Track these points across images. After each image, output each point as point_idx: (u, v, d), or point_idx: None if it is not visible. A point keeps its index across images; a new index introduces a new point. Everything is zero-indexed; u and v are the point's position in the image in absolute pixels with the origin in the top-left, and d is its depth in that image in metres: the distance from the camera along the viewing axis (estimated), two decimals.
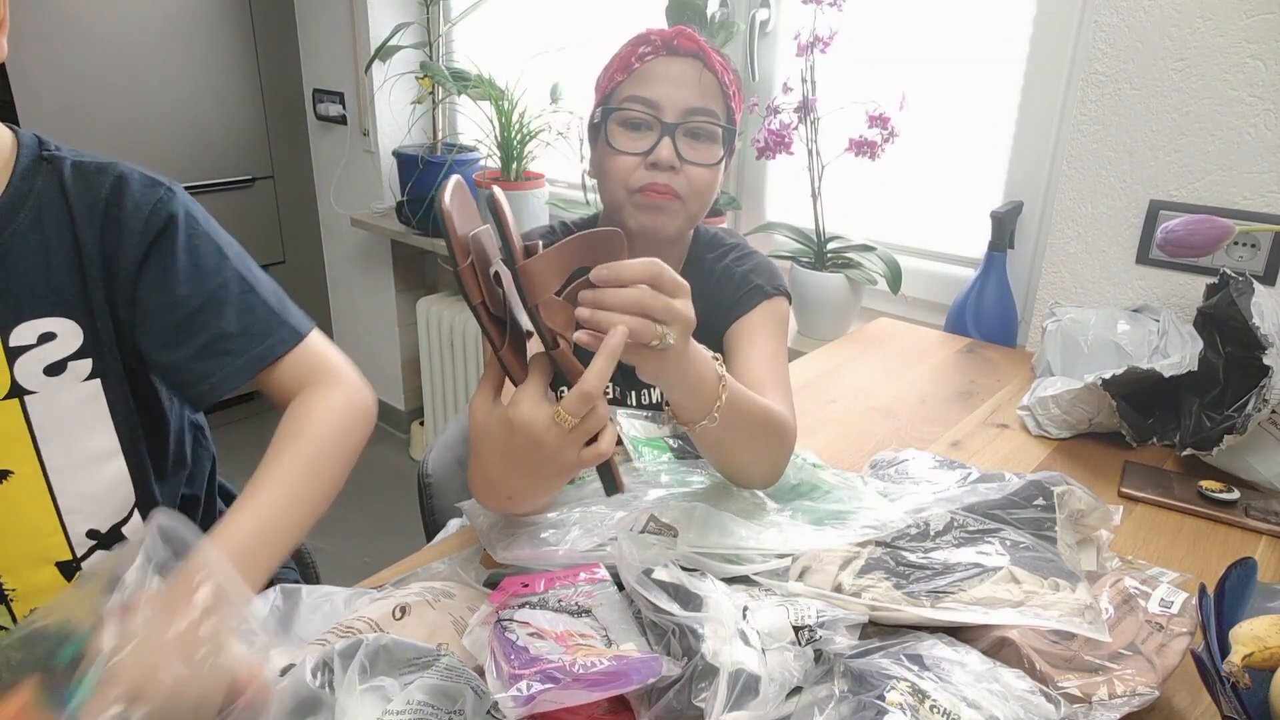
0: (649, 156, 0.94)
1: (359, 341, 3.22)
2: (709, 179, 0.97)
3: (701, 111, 0.95)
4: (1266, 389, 1.00)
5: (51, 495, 0.86)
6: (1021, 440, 1.20)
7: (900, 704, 0.58)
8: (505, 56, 2.37)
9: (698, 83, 0.95)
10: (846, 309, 1.72)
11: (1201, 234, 1.20)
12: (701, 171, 0.96)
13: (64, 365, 0.84)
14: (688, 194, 0.96)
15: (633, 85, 0.96)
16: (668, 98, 0.94)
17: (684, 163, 0.94)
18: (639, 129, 0.95)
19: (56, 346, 0.83)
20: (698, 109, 0.95)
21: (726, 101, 0.98)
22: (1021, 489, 0.83)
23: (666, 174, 0.94)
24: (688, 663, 0.62)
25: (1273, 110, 1.22)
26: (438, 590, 0.75)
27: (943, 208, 1.75)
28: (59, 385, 0.84)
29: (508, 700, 0.57)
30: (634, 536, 0.75)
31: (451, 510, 1.17)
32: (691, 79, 0.95)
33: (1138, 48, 1.31)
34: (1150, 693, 0.62)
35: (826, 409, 1.27)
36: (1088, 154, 1.40)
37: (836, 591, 0.71)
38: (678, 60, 0.95)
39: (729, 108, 0.98)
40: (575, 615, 0.67)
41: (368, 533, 2.61)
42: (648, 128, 0.95)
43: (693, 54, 0.96)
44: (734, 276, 1.04)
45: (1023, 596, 0.68)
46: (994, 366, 1.44)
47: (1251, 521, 0.98)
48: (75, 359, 0.84)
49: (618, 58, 0.99)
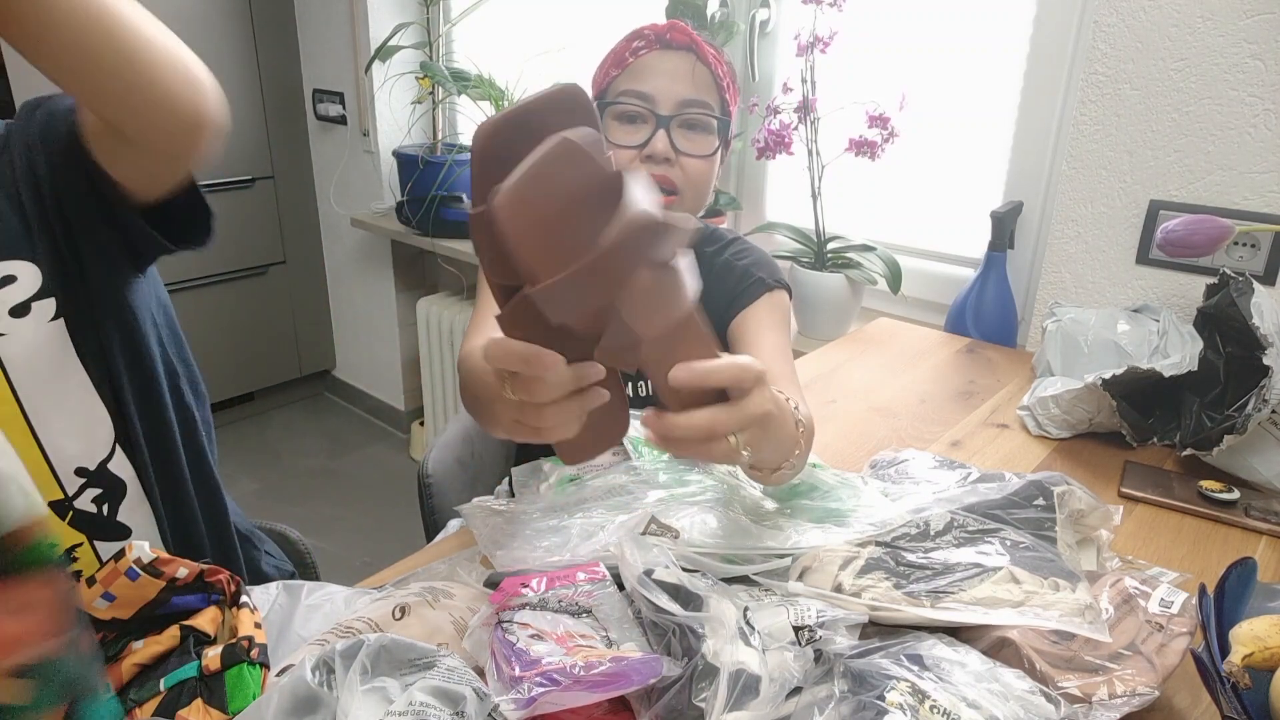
0: (644, 149, 0.94)
1: (359, 341, 3.22)
2: (705, 170, 0.97)
3: (695, 103, 0.95)
4: (1266, 389, 1.01)
5: (34, 435, 0.85)
6: (1021, 440, 1.20)
7: (900, 704, 0.58)
8: (505, 56, 2.37)
9: (691, 75, 0.96)
10: (846, 309, 1.72)
11: (1201, 234, 1.20)
12: (697, 163, 0.96)
13: (28, 307, 0.84)
14: (684, 186, 0.96)
15: (627, 80, 0.96)
16: (662, 91, 0.95)
17: (679, 154, 0.95)
18: (634, 122, 0.96)
19: (17, 289, 0.83)
20: (692, 101, 0.95)
21: (721, 93, 0.99)
22: (1021, 489, 0.83)
23: (662, 166, 0.94)
24: (688, 663, 0.62)
25: (1273, 110, 1.23)
26: (438, 590, 0.75)
27: (943, 208, 1.75)
28: (26, 326, 0.84)
29: (509, 702, 0.57)
30: (635, 538, 0.75)
31: (451, 510, 1.17)
32: (685, 72, 0.96)
33: (1138, 48, 1.31)
34: (1150, 693, 0.62)
35: (826, 409, 1.27)
36: (1088, 154, 1.40)
37: (836, 591, 0.71)
38: (671, 54, 0.96)
39: (724, 99, 0.99)
40: (575, 615, 0.67)
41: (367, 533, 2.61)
42: (643, 121, 0.96)
43: (686, 47, 0.96)
44: (734, 270, 1.05)
45: (1023, 596, 0.68)
46: (994, 366, 1.44)
47: (1251, 521, 0.98)
48: (38, 299, 0.84)
49: (612, 53, 1.00)
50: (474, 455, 1.27)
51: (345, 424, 3.26)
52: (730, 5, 1.82)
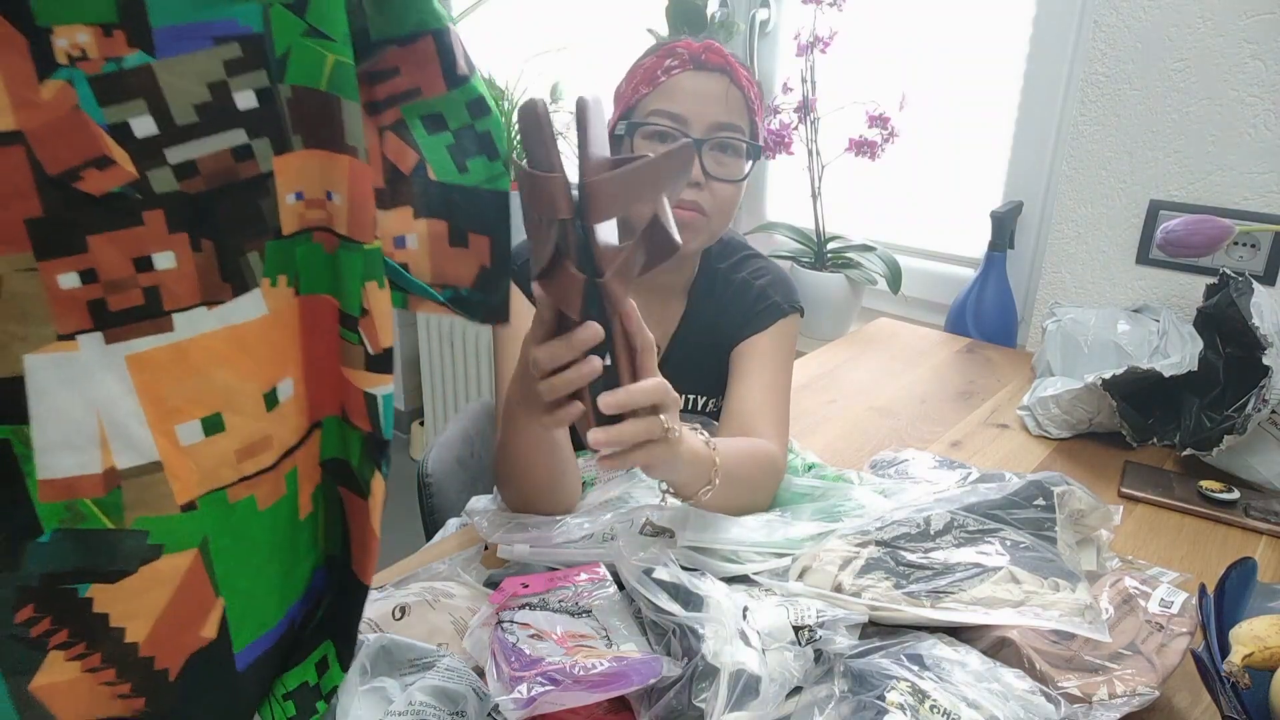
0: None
1: None
2: (734, 196, 0.96)
3: (728, 127, 0.94)
4: (1266, 389, 1.01)
5: None
6: (1021, 440, 1.20)
7: (900, 704, 0.58)
8: (505, 56, 2.37)
9: (725, 98, 0.94)
10: (846, 309, 1.72)
11: (1201, 234, 1.20)
12: (727, 188, 0.95)
13: None
14: (713, 211, 0.95)
15: (658, 99, 0.94)
16: (695, 113, 0.93)
17: (709, 179, 0.93)
18: (664, 142, 0.94)
19: None
20: (725, 124, 0.94)
21: (751, 116, 0.97)
22: (1021, 489, 0.83)
23: (692, 190, 0.92)
24: (688, 663, 0.62)
25: (1273, 110, 1.22)
26: (438, 590, 0.75)
27: (943, 208, 1.75)
28: None
29: (509, 702, 0.57)
30: (633, 536, 0.76)
31: (451, 510, 1.17)
32: (718, 94, 0.93)
33: (1138, 48, 1.31)
34: (1150, 693, 0.62)
35: (826, 409, 1.27)
36: (1088, 154, 1.40)
37: (836, 591, 0.71)
38: (705, 75, 0.94)
39: (753, 123, 0.97)
40: (575, 615, 0.67)
41: None
42: (673, 142, 0.94)
43: (720, 69, 0.94)
44: (751, 290, 1.04)
45: (1023, 596, 0.68)
46: (994, 366, 1.44)
47: (1251, 521, 0.98)
48: None
49: (642, 68, 0.96)
50: (474, 455, 1.27)
51: None
52: (730, 5, 1.82)
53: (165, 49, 0.42)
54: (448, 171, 0.56)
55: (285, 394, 0.52)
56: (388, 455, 0.54)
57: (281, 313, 0.51)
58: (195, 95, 0.44)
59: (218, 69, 0.44)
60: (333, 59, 0.48)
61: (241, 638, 0.52)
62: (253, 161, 0.47)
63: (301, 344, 0.53)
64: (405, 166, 0.54)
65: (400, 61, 0.52)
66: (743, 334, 1.02)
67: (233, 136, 0.46)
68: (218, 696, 0.53)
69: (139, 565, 0.47)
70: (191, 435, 0.47)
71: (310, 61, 0.48)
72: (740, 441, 0.88)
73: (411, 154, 0.54)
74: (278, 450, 0.52)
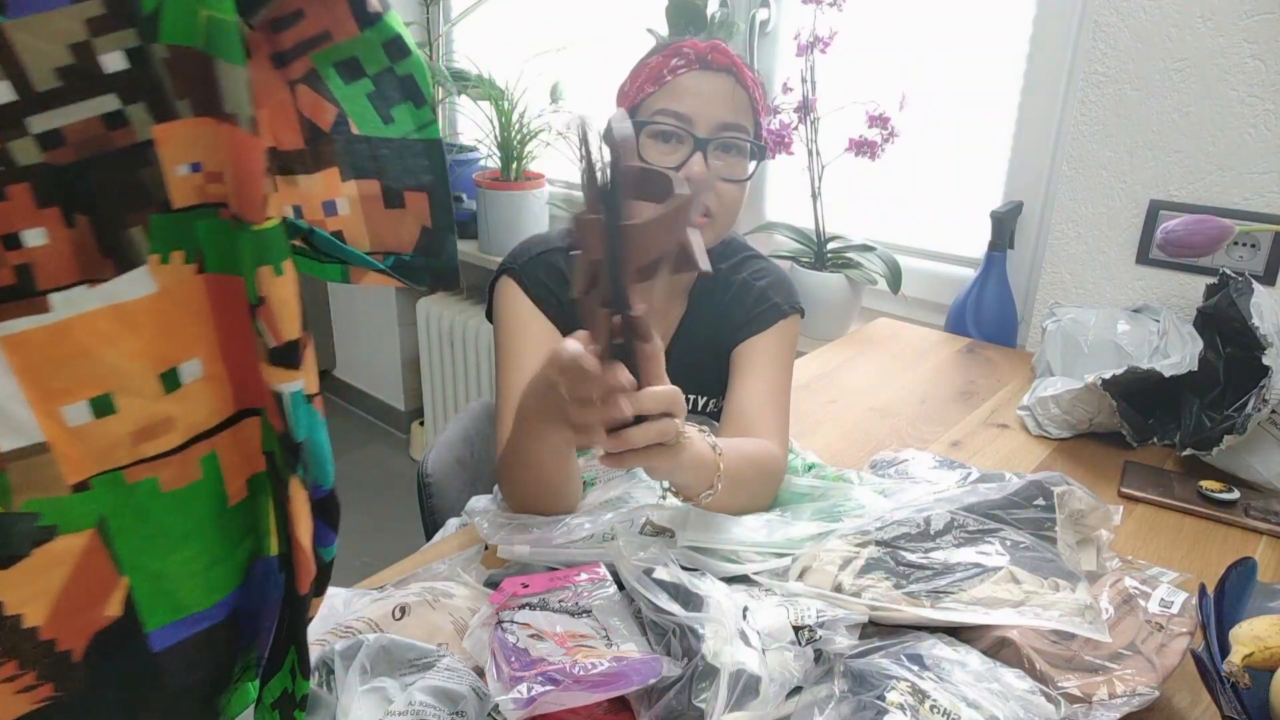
0: (680, 171, 0.93)
1: (359, 341, 3.22)
2: (738, 196, 0.97)
3: (733, 127, 0.94)
4: (1266, 389, 1.01)
5: None
6: (1021, 440, 1.20)
7: (900, 704, 0.58)
8: (505, 56, 2.37)
9: (730, 98, 0.94)
10: (846, 309, 1.72)
11: (1201, 234, 1.20)
12: (732, 188, 0.95)
13: None
14: (718, 210, 0.95)
15: (664, 98, 0.94)
16: (700, 112, 0.93)
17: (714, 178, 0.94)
18: (669, 142, 0.94)
19: None
20: (730, 125, 0.94)
21: (755, 117, 0.97)
22: (1021, 489, 0.83)
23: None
24: (688, 663, 0.62)
25: (1273, 110, 1.23)
26: (438, 590, 0.75)
27: (943, 208, 1.75)
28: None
29: (509, 702, 0.57)
30: (633, 536, 0.76)
31: (451, 510, 1.17)
32: (724, 94, 0.94)
33: (1138, 48, 1.31)
34: (1150, 693, 0.62)
35: (826, 409, 1.27)
36: (1088, 154, 1.40)
37: (836, 591, 0.71)
38: (711, 75, 0.94)
39: (758, 123, 0.98)
40: (575, 615, 0.67)
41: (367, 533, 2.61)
42: (678, 141, 0.94)
43: (726, 69, 0.95)
44: (751, 291, 1.04)
45: (1023, 596, 0.68)
46: (994, 366, 1.44)
47: (1251, 521, 0.98)
48: None
49: (647, 68, 0.97)
50: (474, 455, 1.27)
51: (345, 424, 3.26)
52: (730, 5, 1.82)
53: (17, 7, 0.39)
54: (371, 124, 0.51)
55: (191, 375, 0.49)
56: (305, 460, 0.50)
57: (175, 290, 0.47)
58: (55, 57, 0.40)
59: (78, 28, 0.40)
60: (205, 14, 0.43)
61: (156, 618, 0.50)
62: (128, 129, 0.43)
63: (216, 324, 0.49)
64: (324, 123, 0.50)
65: (304, 3, 0.47)
66: (743, 335, 1.02)
67: (102, 103, 0.42)
68: (131, 677, 0.50)
69: (31, 547, 0.45)
70: (79, 416, 0.45)
71: (184, 17, 0.43)
72: (744, 443, 0.88)
73: (329, 108, 0.50)
74: (183, 433, 0.49)
